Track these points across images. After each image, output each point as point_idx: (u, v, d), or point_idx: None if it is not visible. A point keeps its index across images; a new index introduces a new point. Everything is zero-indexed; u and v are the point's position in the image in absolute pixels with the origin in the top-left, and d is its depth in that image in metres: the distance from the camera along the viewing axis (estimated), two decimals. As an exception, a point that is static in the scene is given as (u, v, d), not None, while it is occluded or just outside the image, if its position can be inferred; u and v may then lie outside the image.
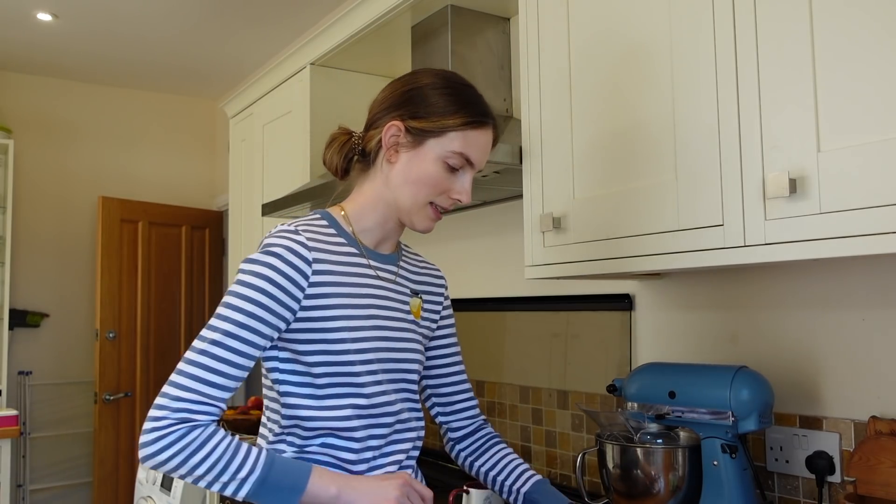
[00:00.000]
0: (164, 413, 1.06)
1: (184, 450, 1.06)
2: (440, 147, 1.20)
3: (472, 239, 2.50)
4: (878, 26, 1.03)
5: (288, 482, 1.09)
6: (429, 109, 1.20)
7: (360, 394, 1.20)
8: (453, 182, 1.23)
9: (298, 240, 1.16)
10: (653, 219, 1.35)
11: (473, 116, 1.21)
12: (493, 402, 2.32)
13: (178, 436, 1.06)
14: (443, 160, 1.20)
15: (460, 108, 1.21)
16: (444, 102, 1.21)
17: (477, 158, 1.23)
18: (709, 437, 1.40)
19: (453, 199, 1.24)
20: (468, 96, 1.24)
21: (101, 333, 4.04)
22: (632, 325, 1.88)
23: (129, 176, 4.46)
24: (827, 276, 1.46)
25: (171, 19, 3.41)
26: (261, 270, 1.13)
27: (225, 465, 1.07)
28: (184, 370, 1.08)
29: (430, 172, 1.20)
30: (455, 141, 1.20)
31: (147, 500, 2.92)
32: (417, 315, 1.33)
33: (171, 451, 1.05)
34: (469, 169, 1.23)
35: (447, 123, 1.19)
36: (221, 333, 1.10)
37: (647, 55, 1.38)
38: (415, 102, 1.21)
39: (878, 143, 1.02)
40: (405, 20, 2.33)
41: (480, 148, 1.23)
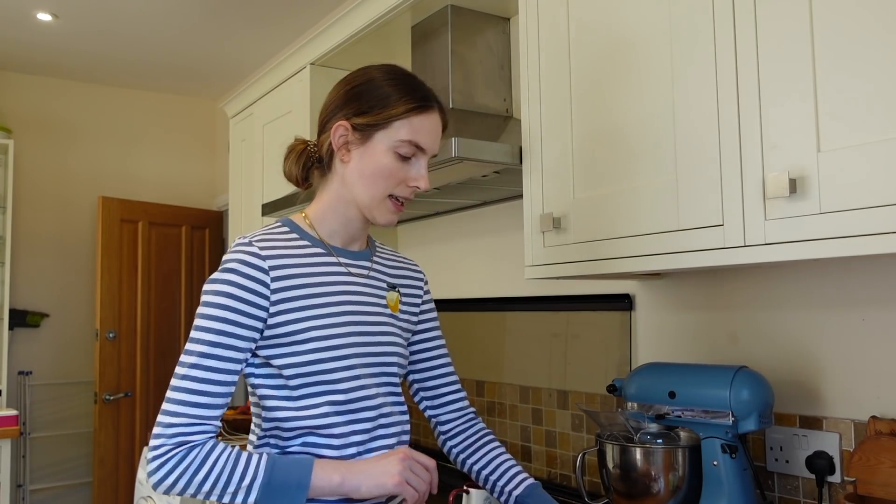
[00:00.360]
0: (161, 441, 1.13)
1: (186, 471, 1.11)
2: (388, 138, 1.21)
3: (472, 239, 2.50)
4: (878, 26, 1.03)
5: (293, 480, 1.13)
6: (371, 103, 1.22)
7: (337, 390, 1.21)
8: (408, 171, 1.23)
9: (251, 251, 1.19)
10: (653, 219, 1.35)
11: (415, 102, 1.22)
12: (493, 402, 2.32)
13: (178, 459, 1.12)
14: (393, 150, 1.21)
15: (401, 97, 1.22)
16: (384, 94, 1.22)
17: (427, 143, 1.23)
18: (709, 437, 1.40)
19: (411, 187, 1.24)
20: (407, 84, 1.24)
21: (101, 333, 4.04)
22: (632, 325, 1.88)
23: (129, 176, 4.46)
24: (827, 276, 1.46)
25: (171, 19, 3.41)
26: (221, 288, 1.16)
27: (228, 476, 1.12)
28: (171, 397, 1.14)
29: (383, 165, 1.22)
30: (401, 129, 1.21)
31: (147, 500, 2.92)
32: (395, 308, 1.34)
33: (175, 474, 1.12)
34: (422, 155, 1.24)
35: (391, 114, 1.21)
36: (197, 356, 1.14)
37: (647, 55, 1.38)
38: (357, 99, 1.24)
39: (878, 142, 1.02)
40: (405, 20, 2.33)
41: (428, 132, 1.23)
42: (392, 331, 1.31)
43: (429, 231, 2.73)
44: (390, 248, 1.46)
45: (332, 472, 1.15)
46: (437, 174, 1.83)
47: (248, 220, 3.29)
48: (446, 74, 2.17)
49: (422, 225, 2.77)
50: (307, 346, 1.19)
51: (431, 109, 1.24)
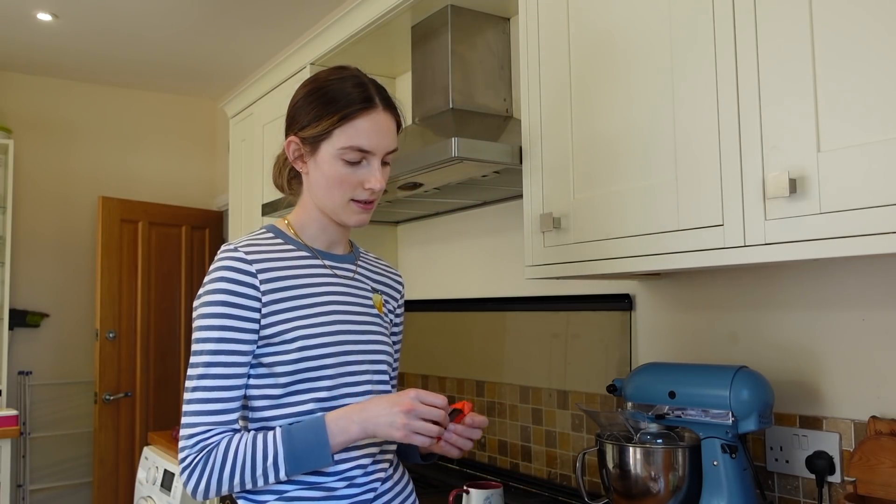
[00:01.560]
0: (186, 452, 1.17)
1: (213, 471, 1.15)
2: (331, 147, 1.23)
3: (472, 239, 2.50)
4: (878, 26, 1.03)
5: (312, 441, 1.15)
6: (308, 118, 1.25)
7: (322, 387, 1.22)
8: (360, 174, 1.24)
9: (238, 256, 1.21)
10: (653, 219, 1.35)
11: (348, 108, 1.22)
12: (493, 402, 2.32)
13: (202, 464, 1.15)
14: (339, 158, 1.23)
15: (334, 105, 1.23)
16: (315, 106, 1.24)
17: (372, 144, 1.23)
18: (709, 437, 1.40)
19: (367, 189, 1.25)
20: (339, 90, 1.24)
21: (101, 333, 4.04)
22: (632, 325, 1.88)
23: (129, 176, 4.46)
24: (827, 276, 1.46)
25: (172, 19, 3.41)
26: (213, 298, 1.19)
27: (252, 461, 1.15)
28: (187, 410, 1.17)
29: (333, 173, 1.23)
30: (340, 137, 1.22)
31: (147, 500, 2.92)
32: (380, 309, 1.37)
33: (204, 478, 1.15)
34: (371, 157, 1.24)
35: (329, 123, 1.22)
36: (203, 366, 1.18)
37: (647, 55, 1.38)
38: (300, 114, 1.26)
39: (878, 142, 1.02)
40: (405, 20, 2.33)
41: (371, 133, 1.23)
42: (379, 330, 1.33)
43: (429, 231, 2.73)
44: (374, 255, 1.48)
45: (347, 423, 1.16)
46: (438, 174, 1.83)
47: (248, 220, 3.29)
48: (446, 74, 2.17)
49: (422, 225, 2.77)
50: (296, 345, 1.21)
51: (371, 110, 1.23)
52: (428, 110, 2.26)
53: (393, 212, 2.56)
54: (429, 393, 1.17)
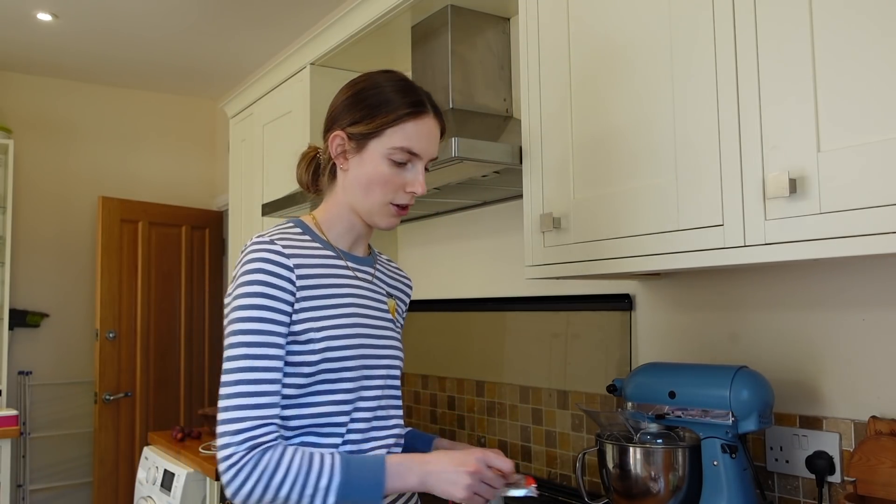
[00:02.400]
0: (232, 449, 1.10)
1: (263, 475, 1.10)
2: (381, 146, 1.22)
3: (472, 239, 2.50)
4: (877, 27, 1.03)
5: (369, 480, 1.13)
6: (364, 113, 1.24)
7: (341, 389, 1.22)
8: (405, 176, 1.24)
9: (275, 249, 1.19)
10: (653, 219, 1.35)
11: (406, 108, 1.23)
12: (493, 402, 2.32)
13: (253, 464, 1.10)
14: (387, 158, 1.22)
15: (393, 104, 1.23)
16: (376, 102, 1.24)
17: (421, 148, 1.23)
18: (709, 437, 1.40)
19: (409, 192, 1.25)
20: (399, 90, 1.25)
21: (101, 333, 4.04)
22: (632, 325, 1.88)
23: (129, 176, 4.46)
24: (827, 276, 1.46)
25: (171, 19, 3.41)
26: (252, 289, 1.16)
27: (305, 478, 1.11)
28: (229, 405, 1.12)
29: (379, 173, 1.23)
30: (394, 137, 1.22)
31: (147, 500, 2.92)
32: (394, 315, 1.37)
33: (252, 480, 1.09)
34: (417, 160, 1.24)
35: (382, 122, 1.22)
36: (244, 359, 1.14)
37: (648, 55, 1.38)
38: (351, 109, 1.25)
39: (878, 142, 1.02)
40: (405, 20, 2.33)
41: (422, 137, 1.23)
42: (392, 335, 1.34)
43: (429, 231, 2.73)
44: (387, 256, 1.48)
45: (406, 472, 1.14)
46: (437, 174, 1.83)
47: (248, 220, 3.29)
48: (446, 74, 2.17)
49: (422, 225, 2.77)
50: (320, 346, 1.20)
51: (424, 115, 1.24)
52: (428, 110, 2.25)
53: (393, 212, 2.56)
54: (495, 456, 1.17)
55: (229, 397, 1.12)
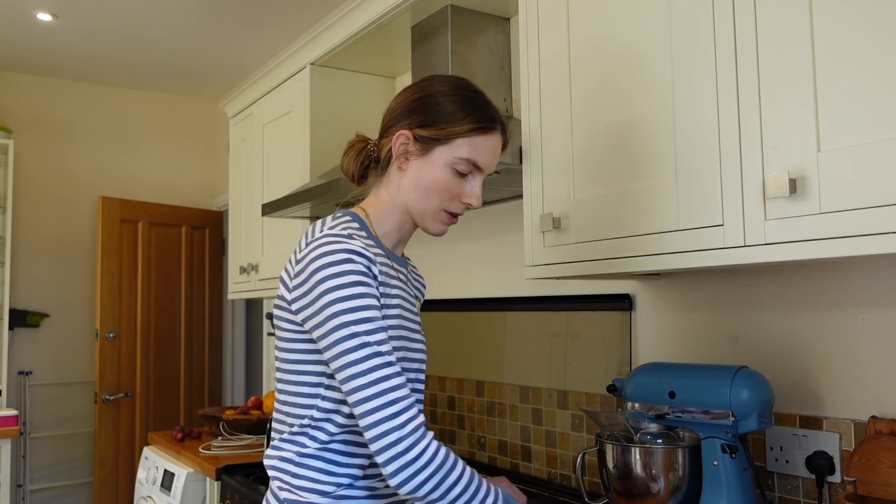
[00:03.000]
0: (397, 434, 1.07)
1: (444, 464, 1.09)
2: (448, 154, 1.22)
3: (472, 239, 2.50)
4: (878, 27, 1.03)
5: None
6: (435, 118, 1.23)
7: None
8: (463, 187, 1.25)
9: (358, 244, 1.17)
10: (653, 219, 1.35)
11: (479, 122, 1.23)
12: (493, 402, 2.32)
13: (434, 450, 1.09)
14: (451, 166, 1.23)
15: (466, 115, 1.23)
16: (450, 110, 1.23)
17: (485, 163, 1.25)
18: (709, 437, 1.40)
19: (464, 203, 1.26)
20: (474, 102, 1.25)
21: (101, 333, 4.05)
22: (632, 325, 1.88)
23: (129, 176, 4.46)
24: (827, 276, 1.46)
25: (172, 19, 3.41)
26: (348, 279, 1.13)
27: (475, 490, 1.12)
28: (377, 391, 1.09)
29: (440, 179, 1.23)
30: (462, 147, 1.22)
31: (147, 500, 2.92)
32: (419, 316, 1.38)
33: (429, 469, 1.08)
34: (478, 173, 1.26)
35: (453, 130, 1.22)
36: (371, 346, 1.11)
37: (648, 55, 1.38)
38: (422, 111, 1.24)
39: (878, 143, 1.02)
40: (405, 20, 2.33)
41: (489, 153, 1.25)
42: (423, 337, 1.34)
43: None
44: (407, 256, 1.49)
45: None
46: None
47: (248, 220, 3.29)
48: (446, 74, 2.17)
49: (422, 225, 2.76)
50: None
51: (494, 130, 1.26)
52: (428, 110, 2.25)
53: (393, 212, 2.56)
54: None
55: (374, 383, 1.09)
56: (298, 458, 1.22)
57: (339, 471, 1.22)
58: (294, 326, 1.22)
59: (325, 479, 1.21)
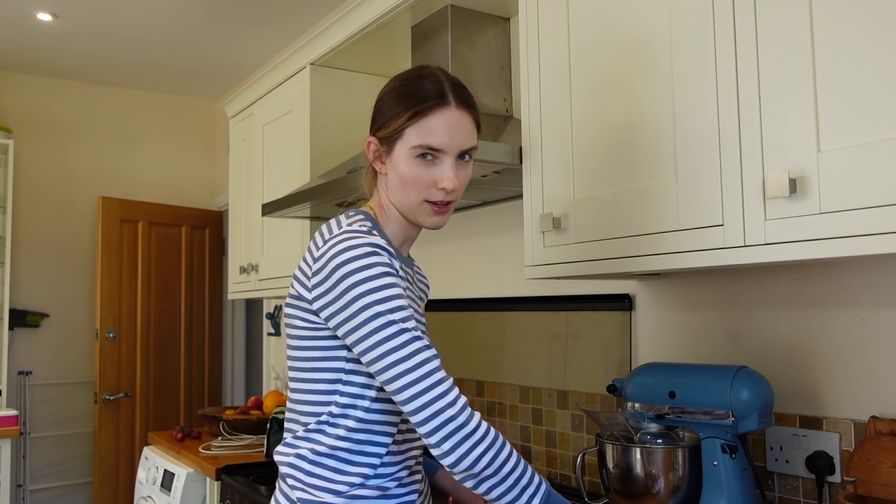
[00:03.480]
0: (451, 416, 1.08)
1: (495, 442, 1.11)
2: (404, 147, 1.22)
3: (472, 239, 2.50)
4: (878, 27, 1.03)
5: None
6: (383, 118, 1.25)
7: None
8: (434, 174, 1.23)
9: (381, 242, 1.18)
10: (653, 219, 1.35)
11: (416, 106, 1.21)
12: (493, 402, 2.32)
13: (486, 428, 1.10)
14: (412, 157, 1.22)
15: (405, 106, 1.22)
16: (390, 106, 1.24)
17: (442, 142, 1.21)
18: (709, 437, 1.40)
19: (440, 188, 1.23)
20: (411, 89, 1.24)
21: (101, 333, 4.04)
22: (632, 325, 1.88)
23: (129, 176, 4.46)
24: (827, 276, 1.46)
25: (171, 19, 3.41)
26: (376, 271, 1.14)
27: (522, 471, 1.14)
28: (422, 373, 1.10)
29: (408, 173, 1.23)
30: (412, 136, 1.22)
31: (147, 500, 2.92)
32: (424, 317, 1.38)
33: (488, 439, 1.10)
34: (443, 155, 1.22)
35: (397, 125, 1.22)
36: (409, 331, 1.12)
37: (647, 55, 1.38)
38: (376, 115, 1.27)
39: (878, 143, 1.02)
40: (405, 20, 2.33)
41: (441, 131, 1.21)
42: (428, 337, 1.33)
43: (429, 231, 2.72)
44: None
45: None
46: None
47: (248, 220, 3.28)
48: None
49: (422, 225, 2.76)
50: None
51: (439, 108, 1.22)
52: (428, 110, 2.25)
53: (393, 212, 2.56)
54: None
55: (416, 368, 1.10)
56: (313, 456, 1.22)
57: (351, 470, 1.22)
58: (310, 324, 1.22)
59: (337, 478, 1.21)
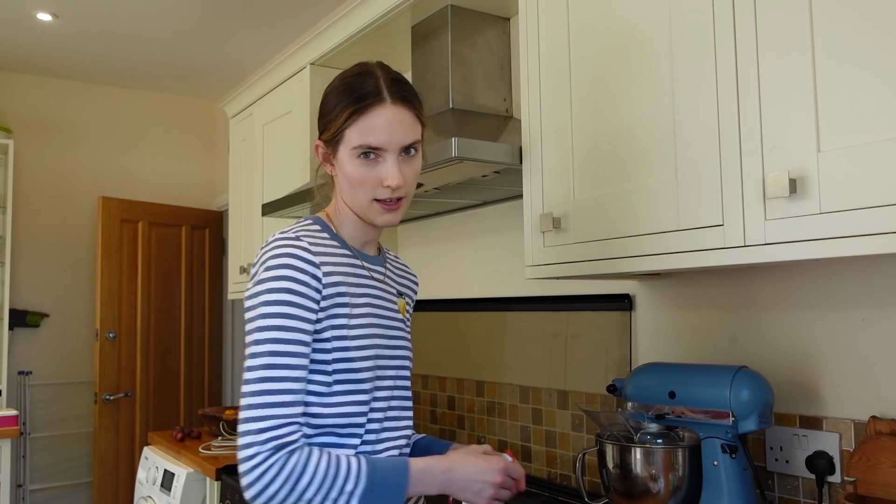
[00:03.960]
0: (255, 449, 1.09)
1: (289, 478, 1.09)
2: (345, 148, 1.23)
3: (472, 239, 2.50)
4: (878, 27, 1.03)
5: (392, 484, 1.14)
6: (325, 122, 1.26)
7: (361, 390, 1.22)
8: (379, 172, 1.22)
9: (302, 246, 1.19)
10: (653, 219, 1.35)
11: (351, 106, 1.21)
12: (493, 402, 2.32)
13: (279, 465, 1.08)
14: (354, 158, 1.22)
15: (342, 108, 1.22)
16: (328, 109, 1.25)
17: (381, 140, 1.20)
18: (709, 437, 1.40)
19: (386, 186, 1.22)
20: (346, 90, 1.24)
21: (101, 333, 4.04)
22: (632, 325, 1.88)
23: (129, 176, 4.46)
24: (827, 276, 1.46)
25: (172, 19, 3.41)
26: (279, 285, 1.15)
27: (331, 482, 1.11)
28: (252, 403, 1.11)
29: (353, 173, 1.22)
30: (352, 136, 1.21)
31: (147, 500, 2.92)
32: (404, 313, 1.38)
33: (278, 482, 1.08)
34: (385, 153, 1.22)
35: (337, 127, 1.23)
36: (268, 356, 1.13)
37: (648, 55, 1.38)
38: (320, 117, 1.28)
39: (878, 143, 1.02)
40: (405, 20, 2.33)
41: (378, 128, 1.20)
42: (403, 335, 1.34)
43: (429, 231, 2.73)
44: (394, 254, 1.49)
45: (429, 479, 1.17)
46: (437, 174, 1.83)
47: (248, 220, 3.29)
48: (446, 74, 2.17)
49: (422, 225, 2.77)
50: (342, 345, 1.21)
51: (373, 106, 1.21)
52: (428, 110, 2.25)
53: (393, 212, 2.56)
54: (514, 466, 1.23)
55: (253, 395, 1.11)
56: None
57: None
58: None
59: None
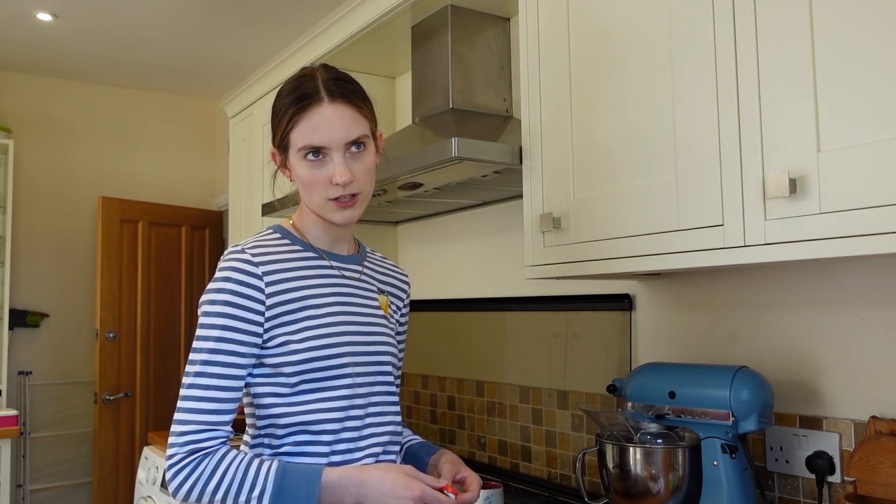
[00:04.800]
0: (175, 450, 1.16)
1: (199, 479, 1.15)
2: (293, 152, 1.25)
3: (472, 239, 2.50)
4: (878, 26, 1.03)
5: (301, 491, 1.15)
6: (273, 129, 1.29)
7: (329, 387, 1.23)
8: (328, 171, 1.23)
9: (244, 258, 1.22)
10: (653, 219, 1.35)
11: (290, 110, 1.23)
12: (493, 402, 2.32)
13: (192, 467, 1.15)
14: (302, 160, 1.24)
15: (283, 113, 1.25)
16: (273, 114, 1.28)
17: (322, 140, 1.21)
18: (709, 437, 1.40)
19: (335, 184, 1.23)
20: (285, 94, 1.26)
21: (101, 333, 4.04)
22: (632, 325, 1.88)
23: (129, 176, 4.46)
24: (827, 276, 1.46)
25: (171, 20, 3.41)
26: (217, 297, 1.20)
27: (238, 486, 1.15)
28: (180, 407, 1.18)
29: (304, 175, 1.24)
30: (297, 140, 1.23)
31: (147, 500, 2.92)
32: (386, 310, 1.37)
33: (189, 482, 1.15)
34: (329, 152, 1.23)
35: (281, 131, 1.25)
36: (200, 364, 1.18)
37: (648, 55, 1.38)
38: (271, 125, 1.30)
39: (878, 142, 1.02)
40: (405, 20, 2.33)
41: (318, 129, 1.22)
42: (385, 331, 1.34)
43: (429, 231, 2.73)
44: (381, 254, 1.49)
45: (342, 491, 1.15)
46: (438, 174, 1.83)
47: (248, 220, 3.29)
48: (446, 74, 2.17)
49: (422, 225, 2.77)
50: (302, 346, 1.22)
51: (311, 107, 1.22)
52: (428, 110, 2.26)
53: (393, 212, 2.56)
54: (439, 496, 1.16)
55: (182, 399, 1.18)
56: None
57: None
58: None
59: None
